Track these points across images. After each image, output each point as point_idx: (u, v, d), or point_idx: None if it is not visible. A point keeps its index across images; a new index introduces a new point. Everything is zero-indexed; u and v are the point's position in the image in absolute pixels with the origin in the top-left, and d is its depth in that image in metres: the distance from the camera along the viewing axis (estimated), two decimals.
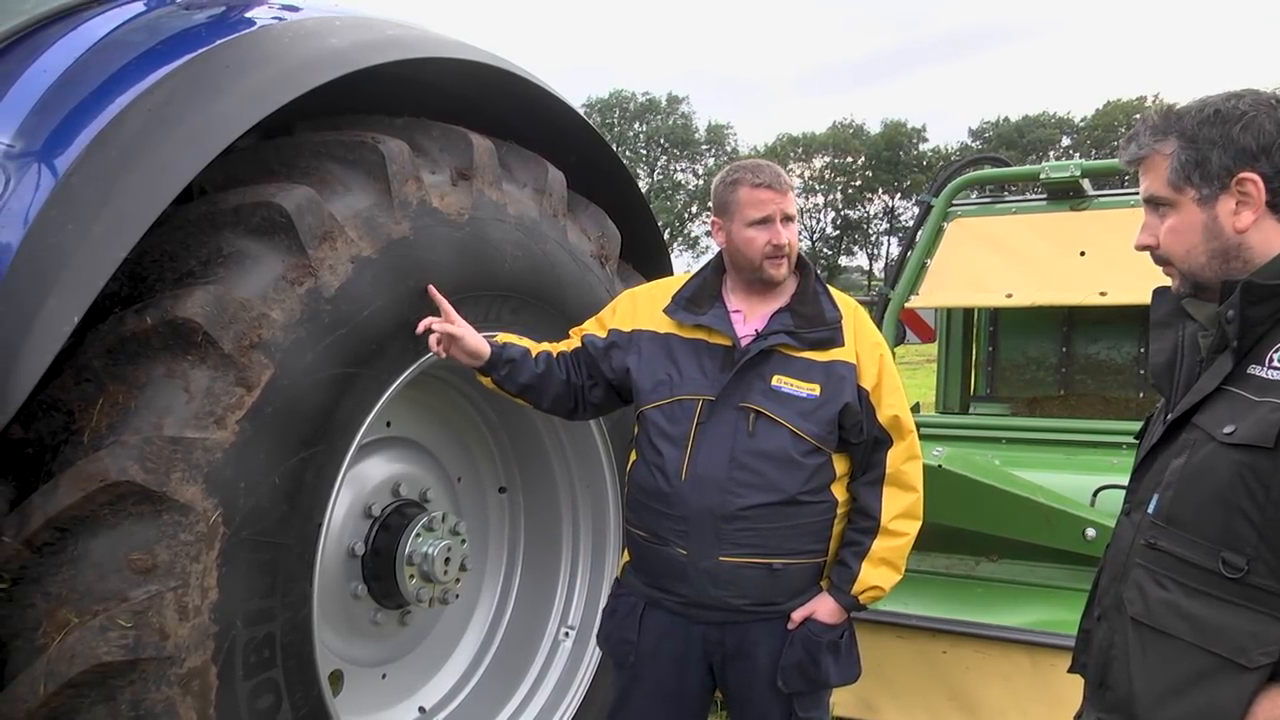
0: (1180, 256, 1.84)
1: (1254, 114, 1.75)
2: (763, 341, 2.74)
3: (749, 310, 2.84)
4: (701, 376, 2.76)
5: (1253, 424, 1.69)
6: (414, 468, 3.30)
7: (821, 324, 2.78)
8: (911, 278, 5.60)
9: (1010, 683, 3.82)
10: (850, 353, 2.78)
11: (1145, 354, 5.81)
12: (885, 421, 2.77)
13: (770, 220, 2.76)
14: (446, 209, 2.83)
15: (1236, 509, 1.69)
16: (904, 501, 2.80)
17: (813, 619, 2.77)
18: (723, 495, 2.68)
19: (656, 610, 2.84)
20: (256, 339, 2.33)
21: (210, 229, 2.45)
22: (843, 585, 2.77)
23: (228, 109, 2.40)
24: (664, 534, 2.77)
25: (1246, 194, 1.76)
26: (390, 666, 3.33)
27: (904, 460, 2.81)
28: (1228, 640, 1.69)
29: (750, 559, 2.70)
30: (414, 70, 2.94)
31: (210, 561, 2.23)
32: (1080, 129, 78.20)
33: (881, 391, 2.78)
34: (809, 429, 2.70)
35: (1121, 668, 1.84)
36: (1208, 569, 1.72)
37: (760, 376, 2.72)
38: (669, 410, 2.77)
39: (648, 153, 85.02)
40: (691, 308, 2.84)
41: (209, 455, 2.23)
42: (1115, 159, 6.22)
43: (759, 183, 2.78)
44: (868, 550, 2.77)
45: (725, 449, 2.69)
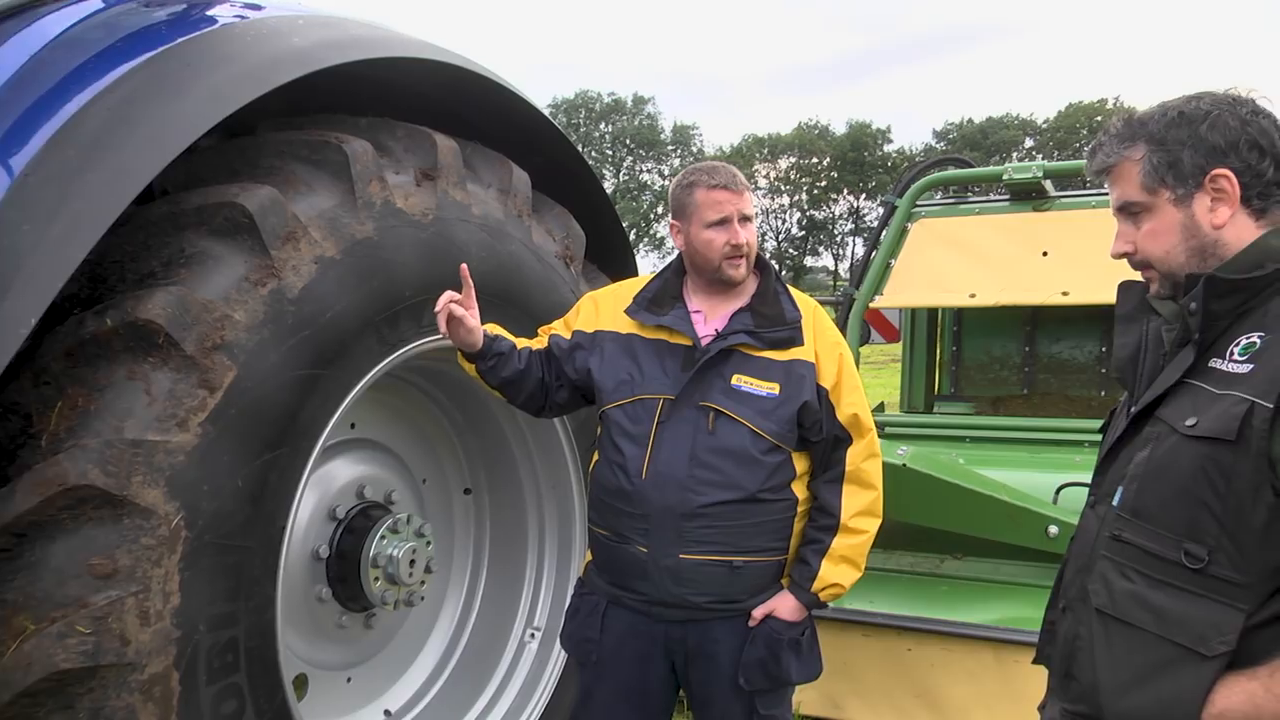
0: (1160, 258, 1.86)
1: (1217, 112, 1.78)
2: (722, 341, 2.76)
3: (709, 310, 2.86)
4: (663, 376, 2.78)
5: (1215, 417, 1.71)
6: (379, 469, 3.29)
7: (781, 324, 2.80)
8: (876, 278, 5.63)
9: (975, 679, 3.85)
10: (810, 352, 2.80)
11: (1107, 353, 5.88)
12: (845, 420, 2.80)
13: (728, 221, 2.78)
14: (411, 209, 2.82)
15: (1199, 501, 1.71)
16: (864, 499, 2.83)
17: (773, 616, 2.78)
18: (683, 493, 2.69)
19: (619, 609, 2.85)
20: (219, 340, 2.31)
21: (172, 229, 2.42)
22: (803, 583, 2.79)
23: (189, 108, 2.37)
24: (626, 532, 2.78)
25: (1221, 190, 1.78)
26: (356, 670, 3.31)
27: (864, 458, 2.83)
28: (1189, 630, 1.72)
29: (711, 556, 2.71)
30: (378, 70, 2.92)
31: (172, 566, 2.21)
32: (1043, 131, 78.95)
33: (841, 390, 2.80)
34: (768, 427, 2.72)
35: (1086, 658, 1.86)
36: (1170, 560, 1.75)
37: (720, 375, 2.74)
38: (630, 409, 2.79)
39: (613, 153, 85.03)
40: (653, 308, 2.86)
41: (171, 458, 2.20)
42: (1077, 160, 6.28)
43: (715, 184, 2.80)
44: (828, 548, 2.79)
45: (686, 447, 2.71)
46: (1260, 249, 1.78)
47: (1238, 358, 1.74)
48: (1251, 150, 1.77)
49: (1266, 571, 1.67)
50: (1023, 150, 76.61)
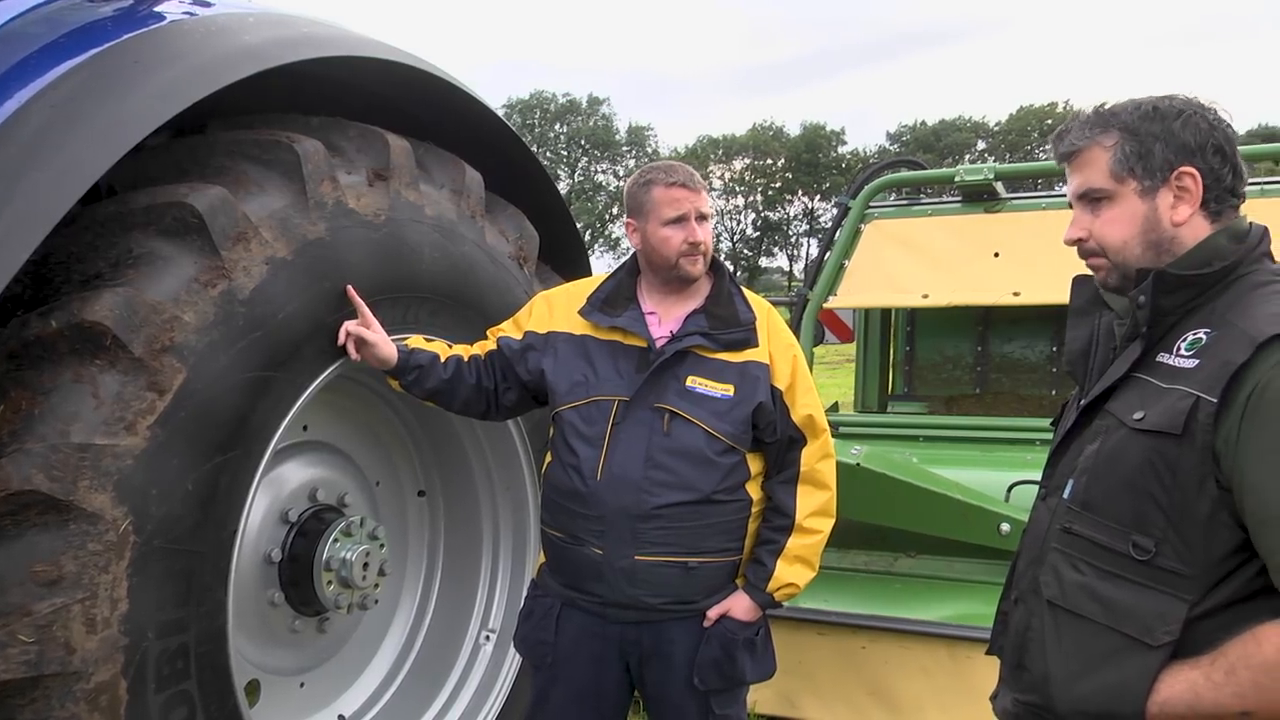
0: (1116, 247, 1.88)
1: (1190, 112, 1.82)
2: (677, 343, 2.76)
3: (664, 312, 2.87)
4: (617, 377, 2.78)
5: (1161, 411, 1.74)
6: (332, 472, 3.26)
7: (736, 325, 2.81)
8: (830, 279, 5.67)
9: (929, 675, 3.88)
10: (764, 353, 2.81)
11: (1058, 352, 5.95)
12: (799, 421, 2.81)
13: (685, 219, 2.79)
14: (363, 210, 2.80)
15: (1146, 493, 1.74)
16: (818, 499, 2.84)
17: (728, 616, 2.79)
18: (638, 495, 2.69)
19: (573, 611, 2.84)
20: (168, 342, 2.28)
21: (119, 230, 2.38)
22: (758, 583, 2.80)
23: (137, 106, 2.33)
24: (580, 534, 2.77)
25: (1185, 188, 1.82)
26: (309, 675, 3.27)
27: (818, 459, 2.85)
28: (1136, 620, 1.75)
29: (666, 558, 2.71)
30: (330, 69, 2.89)
31: (120, 571, 2.17)
32: (995, 133, 79.92)
33: (795, 391, 2.82)
34: (723, 429, 2.73)
35: (1037, 649, 1.89)
36: (1119, 552, 1.78)
37: (675, 377, 2.75)
38: (585, 411, 2.78)
39: (569, 154, 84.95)
40: (607, 309, 2.86)
41: (119, 462, 2.17)
42: (1028, 163, 6.41)
43: (673, 182, 2.81)
44: (783, 548, 2.80)
45: (641, 449, 2.71)
46: (1208, 247, 1.82)
47: (1184, 353, 1.77)
48: (1216, 154, 1.81)
49: (1209, 563, 1.70)
50: (975, 152, 77.47)
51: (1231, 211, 1.85)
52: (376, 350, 2.77)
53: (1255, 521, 1.65)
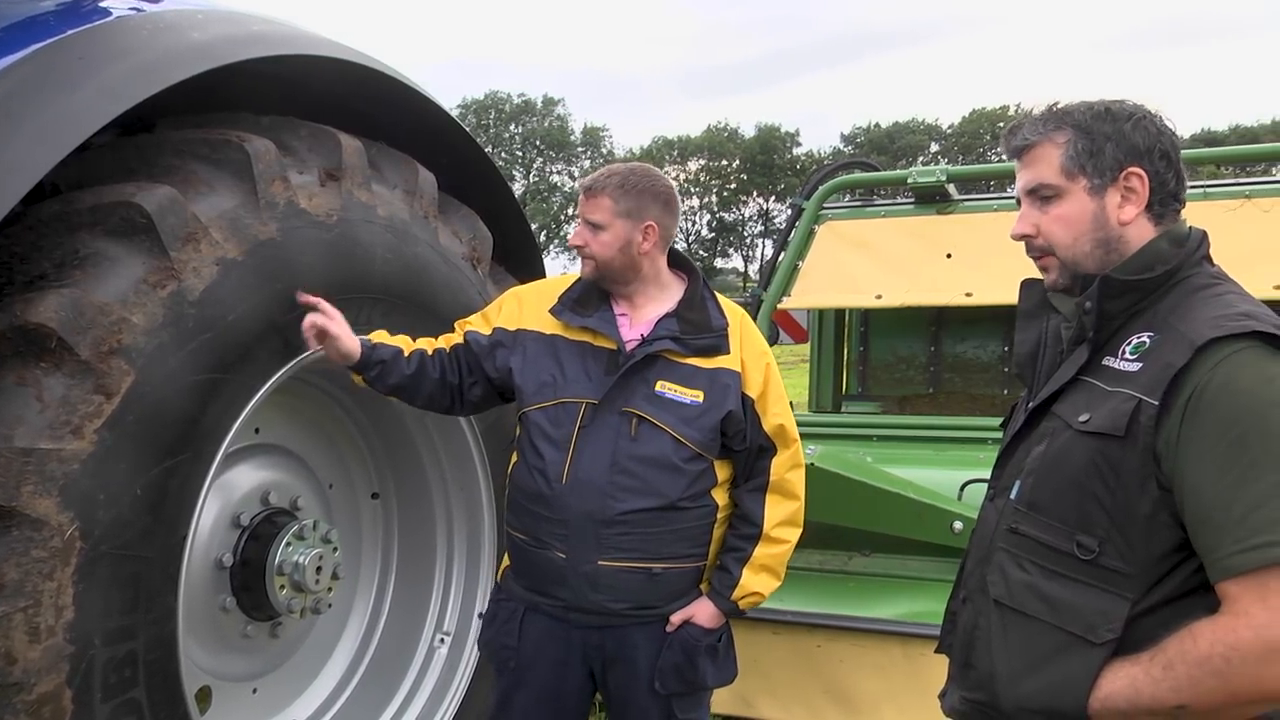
0: (1065, 245, 1.90)
1: (1140, 115, 1.85)
2: (647, 346, 2.74)
3: (635, 314, 2.84)
4: (585, 379, 2.75)
5: (1106, 413, 1.77)
6: (284, 475, 3.22)
7: (708, 330, 2.79)
8: (784, 279, 5.68)
9: (884, 673, 3.91)
10: (735, 360, 2.79)
11: (1010, 352, 6.02)
12: (770, 430, 2.79)
13: (579, 219, 2.83)
14: (315, 210, 2.77)
15: (1090, 494, 1.77)
16: (787, 509, 2.83)
17: (691, 623, 2.78)
18: (603, 499, 2.67)
19: (536, 615, 2.82)
20: (116, 344, 2.24)
21: (65, 230, 2.34)
22: (723, 590, 2.79)
23: (82, 103, 2.29)
24: (544, 537, 2.75)
25: (1132, 189, 1.85)
26: (261, 680, 3.23)
27: (788, 469, 2.83)
28: (1080, 618, 1.78)
29: (630, 564, 2.70)
30: (281, 68, 2.86)
31: (65, 578, 2.13)
32: (948, 136, 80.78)
33: (767, 400, 2.80)
34: (691, 435, 2.71)
35: (984, 647, 1.92)
36: (1064, 551, 1.81)
37: (644, 381, 2.72)
38: (552, 412, 2.76)
39: (524, 154, 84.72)
40: (578, 309, 2.83)
41: (64, 466, 2.13)
42: (980, 165, 6.48)
43: (582, 182, 2.86)
44: (749, 556, 2.79)
45: (607, 453, 2.69)
46: (1151, 252, 1.85)
47: (1129, 356, 1.80)
48: (1162, 159, 1.85)
49: (1150, 561, 1.74)
50: (928, 155, 78.23)
51: (1174, 215, 1.89)
52: (339, 344, 2.72)
53: (1194, 521, 1.68)
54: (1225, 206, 4.88)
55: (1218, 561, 1.65)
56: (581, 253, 2.80)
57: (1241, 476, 1.63)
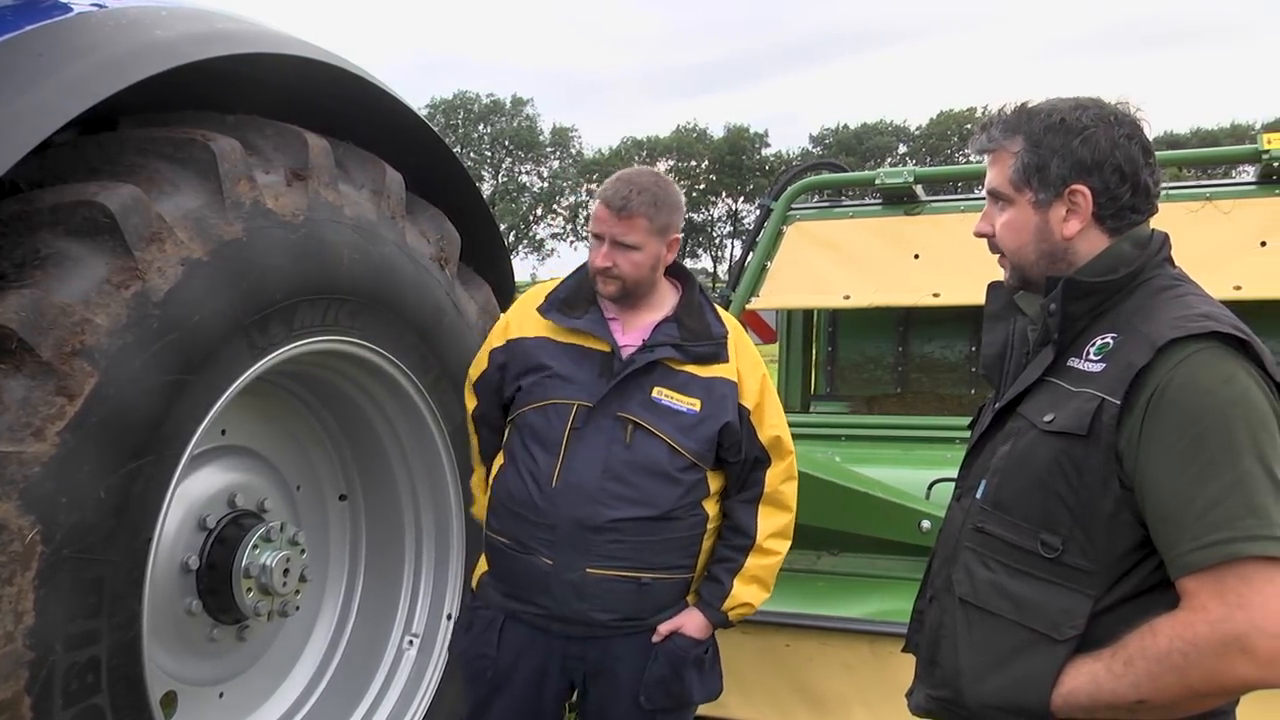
0: (1012, 251, 1.95)
1: (1093, 129, 1.86)
2: (649, 353, 2.69)
3: (626, 319, 2.79)
4: (578, 381, 2.70)
5: (1070, 413, 1.79)
6: (251, 477, 3.19)
7: (707, 338, 2.74)
8: (752, 280, 5.69)
9: (852, 672, 3.92)
10: (733, 370, 2.75)
11: (977, 352, 6.06)
12: (766, 441, 2.76)
13: (600, 239, 2.72)
14: (281, 210, 2.75)
15: (1054, 493, 1.80)
16: (779, 521, 2.81)
17: (679, 634, 2.73)
18: (594, 506, 2.62)
19: (516, 624, 2.76)
20: (78, 345, 2.21)
21: (25, 229, 2.31)
22: (714, 601, 2.75)
23: (42, 100, 2.26)
24: (530, 542, 2.69)
25: (1075, 204, 1.87)
26: (228, 684, 3.20)
27: (782, 480, 2.81)
28: (1044, 616, 1.80)
29: (619, 572, 2.65)
30: (247, 66, 2.83)
31: (26, 583, 2.10)
32: (915, 137, 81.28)
33: (764, 411, 2.76)
34: (687, 445, 2.67)
35: (949, 645, 1.93)
36: (1028, 550, 1.83)
37: (641, 387, 2.67)
38: (544, 413, 2.71)
39: (492, 154, 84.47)
40: (566, 310, 2.78)
41: (25, 470, 2.10)
42: (947, 167, 6.52)
43: (603, 197, 2.74)
44: (741, 567, 2.76)
45: (600, 459, 2.64)
46: (1113, 255, 1.88)
47: (1093, 357, 1.83)
48: (1114, 174, 1.86)
49: (1112, 559, 1.76)
50: (896, 156, 78.67)
51: (1131, 226, 1.90)
52: None
53: (1155, 518, 1.70)
54: (1186, 208, 4.94)
55: (1177, 558, 1.67)
56: (607, 274, 2.72)
57: (1200, 474, 1.65)
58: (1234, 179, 6.91)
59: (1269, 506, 1.62)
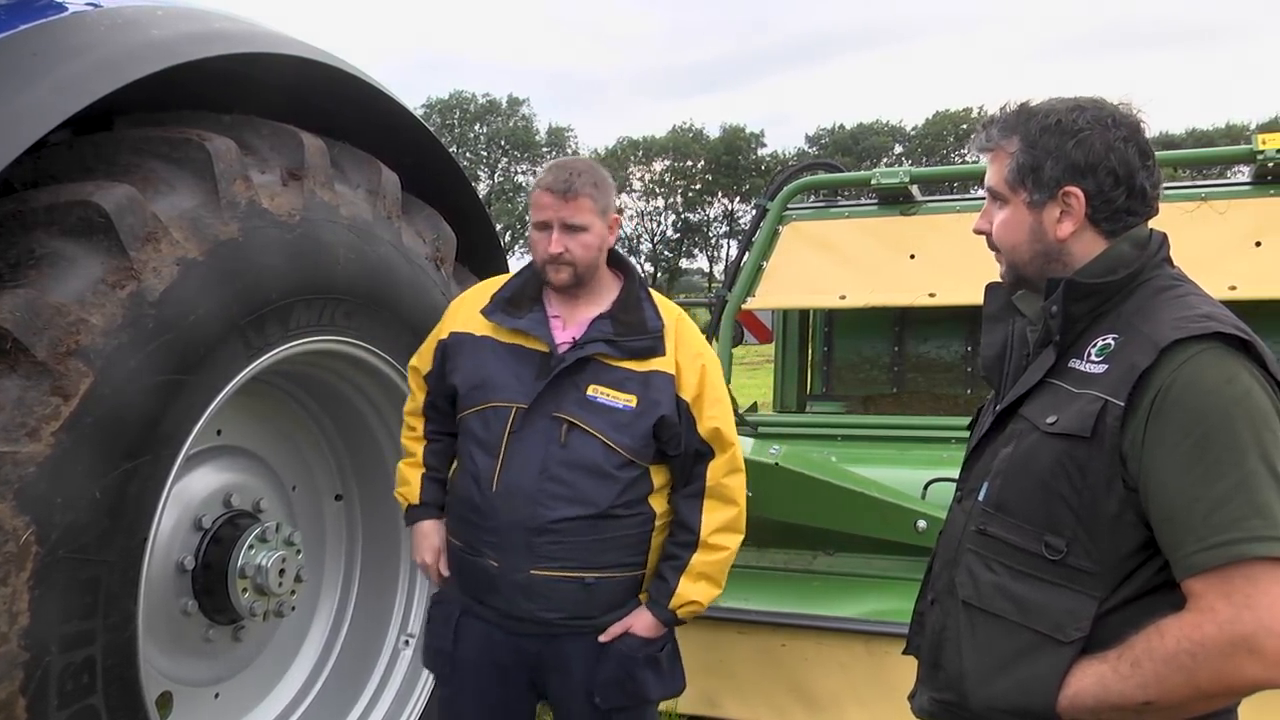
0: (1007, 249, 1.95)
1: (1089, 132, 1.85)
2: (579, 350, 2.66)
3: (568, 315, 2.75)
4: (516, 383, 2.67)
5: (1073, 415, 1.79)
6: (246, 477, 3.19)
7: (643, 332, 2.70)
8: (748, 280, 5.70)
9: (847, 671, 3.93)
10: (670, 363, 2.71)
11: (973, 352, 6.07)
12: (706, 434, 2.71)
13: (548, 227, 2.67)
14: (277, 210, 2.74)
15: (1057, 494, 1.79)
16: (724, 515, 2.74)
17: (629, 634, 2.70)
18: (533, 507, 2.60)
19: (472, 620, 2.76)
20: (74, 345, 2.21)
21: (20, 229, 2.31)
22: (660, 599, 2.72)
23: (37, 100, 2.26)
24: (477, 545, 2.69)
25: (1069, 206, 1.86)
26: (224, 685, 3.20)
27: (725, 473, 2.75)
28: (1048, 618, 1.79)
29: (562, 573, 2.63)
30: (243, 66, 2.83)
31: (21, 584, 2.10)
32: (911, 137, 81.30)
33: (703, 403, 2.71)
34: (622, 441, 2.63)
35: (953, 648, 1.93)
36: (1032, 552, 1.82)
37: (575, 385, 2.65)
38: (483, 416, 2.69)
39: (488, 155, 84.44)
40: (509, 310, 2.74)
41: (20, 470, 2.10)
42: (943, 167, 6.52)
43: (543, 185, 2.68)
44: (687, 564, 2.71)
45: (537, 459, 2.62)
46: (1113, 256, 1.88)
47: (1094, 358, 1.82)
48: (1108, 176, 1.85)
49: (1116, 560, 1.76)
50: (892, 156, 78.66)
51: (1128, 228, 1.90)
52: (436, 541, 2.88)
53: (1159, 520, 1.70)
54: (1182, 209, 4.95)
55: (1183, 559, 1.67)
56: (559, 260, 2.67)
57: (1205, 474, 1.65)
58: (1229, 179, 6.92)
59: (1274, 507, 1.62)
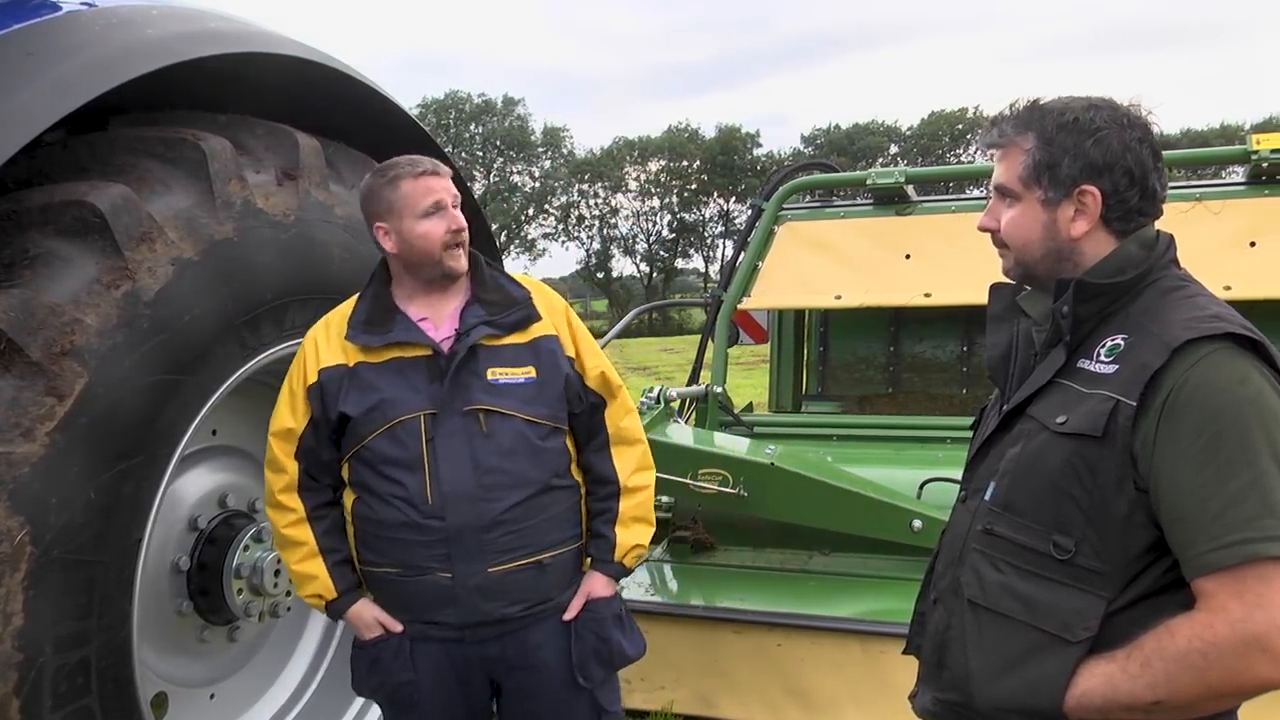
0: (1018, 247, 1.94)
1: (1106, 131, 1.85)
2: (467, 339, 2.62)
3: (434, 314, 2.69)
4: (413, 393, 2.61)
5: (1083, 415, 1.79)
6: (242, 477, 3.19)
7: (513, 305, 2.71)
8: (744, 280, 5.70)
9: (843, 671, 3.93)
10: (549, 325, 2.73)
11: (968, 352, 6.08)
12: (594, 383, 2.75)
13: (443, 206, 2.64)
14: (272, 209, 2.74)
15: (1067, 494, 1.79)
16: (634, 456, 2.81)
17: (590, 600, 2.73)
18: (477, 505, 2.57)
19: (424, 644, 2.68)
20: (68, 345, 2.21)
21: (15, 229, 2.31)
22: (605, 555, 2.75)
23: (31, 100, 2.26)
24: (421, 563, 2.61)
25: (1084, 205, 1.86)
26: (219, 685, 3.20)
27: (622, 416, 2.80)
28: (1056, 617, 1.79)
29: (518, 562, 2.62)
30: (238, 66, 2.83)
31: (15, 585, 2.10)
32: (907, 138, 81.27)
33: (582, 355, 2.76)
34: (539, 411, 2.65)
35: (958, 648, 1.92)
36: (1040, 551, 1.82)
37: (475, 374, 2.62)
38: (391, 435, 2.60)
39: (484, 155, 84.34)
40: (373, 328, 2.66)
41: (14, 470, 2.09)
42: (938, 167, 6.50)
43: (421, 171, 2.65)
44: (617, 514, 2.76)
45: (466, 458, 2.58)
46: (1121, 256, 1.88)
47: (1104, 359, 1.82)
48: (1124, 176, 1.85)
49: (1126, 560, 1.76)
50: (887, 156, 78.67)
51: (1139, 229, 1.91)
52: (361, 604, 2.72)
53: (1170, 519, 1.70)
54: (1177, 209, 4.95)
55: (1194, 558, 1.67)
56: (460, 236, 2.66)
57: (1217, 474, 1.66)
58: (1224, 179, 6.93)
59: None
